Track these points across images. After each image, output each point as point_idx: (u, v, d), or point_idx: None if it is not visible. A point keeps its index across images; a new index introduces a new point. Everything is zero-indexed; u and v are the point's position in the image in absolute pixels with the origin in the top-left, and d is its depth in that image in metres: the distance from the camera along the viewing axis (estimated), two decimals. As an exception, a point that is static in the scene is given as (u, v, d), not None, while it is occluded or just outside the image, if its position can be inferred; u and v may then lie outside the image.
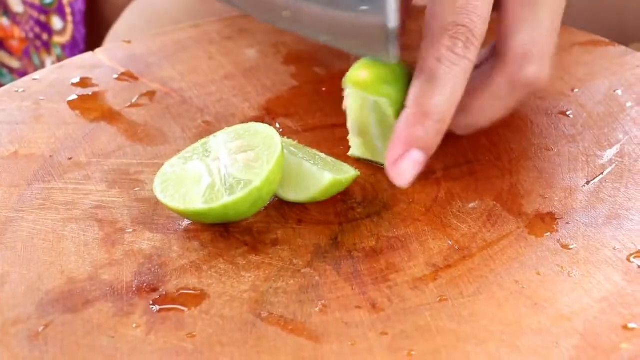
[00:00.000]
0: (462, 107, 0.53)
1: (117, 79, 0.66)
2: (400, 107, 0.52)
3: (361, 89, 0.54)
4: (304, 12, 0.52)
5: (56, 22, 0.93)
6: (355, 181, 0.55)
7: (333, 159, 0.55)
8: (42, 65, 0.98)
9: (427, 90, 0.51)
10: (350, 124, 0.56)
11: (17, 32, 0.96)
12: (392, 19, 0.48)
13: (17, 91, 0.65)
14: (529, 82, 0.53)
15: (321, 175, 0.52)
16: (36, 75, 0.67)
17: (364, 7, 0.49)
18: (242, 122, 0.59)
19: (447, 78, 0.50)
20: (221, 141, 0.53)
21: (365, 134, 0.56)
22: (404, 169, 0.51)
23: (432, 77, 0.51)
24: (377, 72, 0.54)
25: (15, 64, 0.99)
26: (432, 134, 0.51)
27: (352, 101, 0.55)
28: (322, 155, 0.55)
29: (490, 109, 0.55)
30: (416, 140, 0.51)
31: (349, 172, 0.54)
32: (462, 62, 0.51)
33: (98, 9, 0.94)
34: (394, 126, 0.52)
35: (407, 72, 0.54)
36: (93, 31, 0.94)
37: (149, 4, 0.87)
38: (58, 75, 0.67)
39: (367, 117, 0.55)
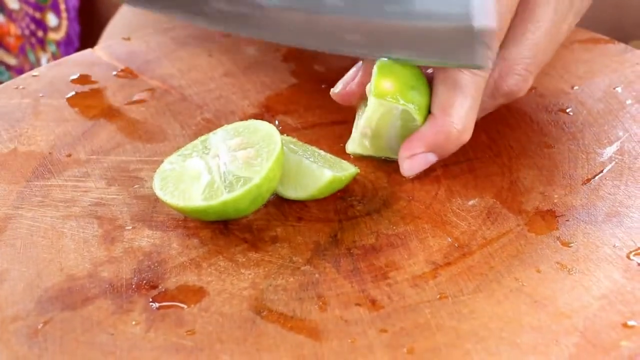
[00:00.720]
0: None
1: (117, 75, 0.66)
2: (425, 111, 0.54)
3: (390, 99, 0.53)
4: (378, 32, 0.52)
5: (51, 19, 0.93)
6: (355, 179, 0.55)
7: (333, 156, 0.55)
8: (38, 62, 0.98)
9: (453, 99, 0.53)
10: (363, 129, 0.55)
11: (13, 29, 0.96)
12: (490, 19, 0.49)
13: (16, 88, 0.65)
14: (509, 93, 0.56)
15: (321, 173, 0.52)
16: (35, 72, 0.67)
17: (457, 11, 0.50)
18: (242, 120, 0.59)
19: (470, 87, 0.53)
20: (220, 138, 0.53)
21: (379, 137, 0.56)
22: (417, 165, 0.54)
23: (456, 85, 0.53)
24: (400, 79, 0.53)
25: (12, 61, 0.99)
26: (454, 144, 0.54)
27: (375, 111, 0.54)
28: (322, 152, 0.55)
29: None
30: (437, 146, 0.54)
31: (348, 170, 0.54)
32: (481, 73, 0.53)
33: (92, 6, 0.94)
34: (418, 128, 0.54)
35: (420, 72, 0.55)
36: (88, 28, 0.94)
37: None
38: (57, 72, 0.66)
39: (389, 123, 0.54)
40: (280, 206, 0.54)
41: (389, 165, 0.56)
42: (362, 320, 0.46)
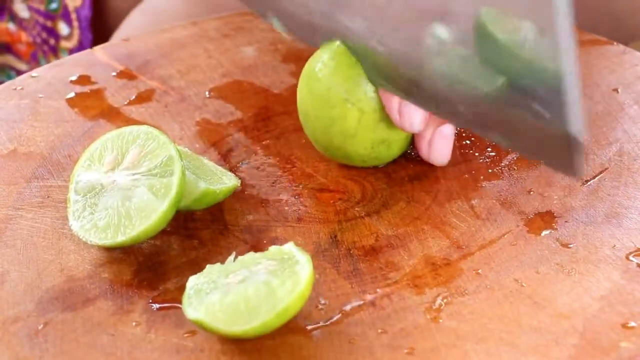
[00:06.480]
0: None
1: (116, 76, 0.66)
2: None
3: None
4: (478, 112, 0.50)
5: (62, 28, 0.94)
6: (354, 180, 0.55)
7: (221, 169, 0.54)
8: (51, 70, 0.99)
9: None
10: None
11: (24, 36, 0.97)
12: (576, 124, 0.43)
13: (16, 89, 0.65)
14: None
15: (195, 185, 0.51)
16: (34, 72, 0.67)
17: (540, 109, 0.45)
18: (241, 119, 0.59)
19: None
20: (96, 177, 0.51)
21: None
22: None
23: None
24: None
25: (23, 66, 0.99)
26: None
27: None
28: (211, 164, 0.54)
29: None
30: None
31: (227, 183, 0.53)
32: None
33: (104, 15, 0.95)
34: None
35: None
36: (99, 37, 0.94)
37: (151, 9, 0.88)
38: (56, 73, 0.66)
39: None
40: (279, 207, 0.54)
41: (388, 166, 0.56)
42: (362, 321, 0.46)
